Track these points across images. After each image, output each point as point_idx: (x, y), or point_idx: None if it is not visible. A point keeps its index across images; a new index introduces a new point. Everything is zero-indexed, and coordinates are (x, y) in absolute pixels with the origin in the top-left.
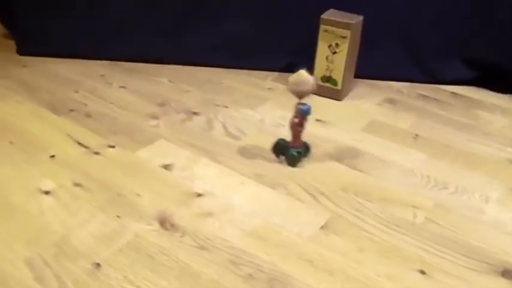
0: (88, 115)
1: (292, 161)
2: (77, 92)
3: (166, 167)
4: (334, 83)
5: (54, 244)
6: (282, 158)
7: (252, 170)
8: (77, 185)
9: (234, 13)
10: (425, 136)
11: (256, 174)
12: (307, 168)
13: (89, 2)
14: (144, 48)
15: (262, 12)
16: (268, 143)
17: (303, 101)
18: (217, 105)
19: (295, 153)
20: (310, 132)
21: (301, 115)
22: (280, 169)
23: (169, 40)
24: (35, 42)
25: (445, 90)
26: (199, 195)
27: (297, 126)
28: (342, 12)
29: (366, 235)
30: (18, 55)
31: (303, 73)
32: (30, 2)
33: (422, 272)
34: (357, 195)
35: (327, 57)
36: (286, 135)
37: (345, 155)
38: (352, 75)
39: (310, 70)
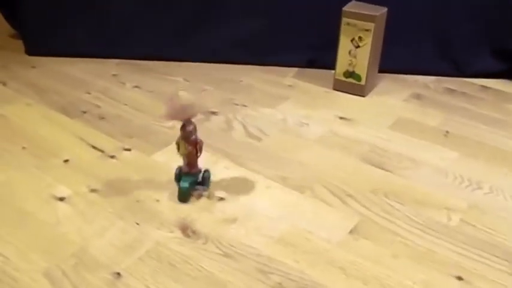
0: (101, 117)
1: (182, 196)
2: (88, 93)
3: None
4: (358, 78)
5: (73, 254)
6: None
7: (276, 172)
8: (93, 190)
9: (252, 8)
10: (456, 133)
11: (280, 177)
12: (333, 170)
13: (99, 0)
14: (158, 46)
15: (280, 6)
16: (291, 143)
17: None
18: (236, 105)
19: (185, 186)
20: (333, 130)
21: (194, 134)
22: (306, 171)
23: (185, 37)
24: (44, 42)
25: (473, 84)
26: (221, 199)
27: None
28: (364, 4)
29: (399, 240)
30: (26, 55)
31: (178, 99)
32: (38, 1)
33: (460, 278)
34: (387, 197)
35: (349, 52)
36: (310, 135)
37: (372, 155)
38: (377, 70)
39: (332, 65)
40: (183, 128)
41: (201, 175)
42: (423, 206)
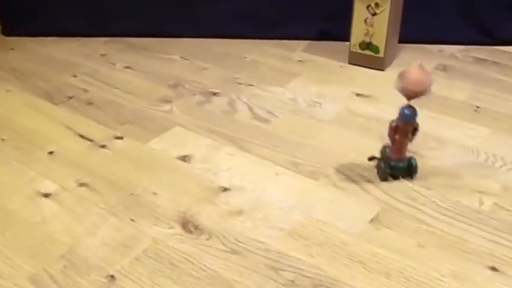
0: (89, 103)
1: (382, 177)
2: (75, 76)
3: (185, 158)
4: (376, 50)
5: (61, 256)
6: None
7: (287, 157)
8: (82, 184)
9: None
10: (487, 107)
11: (292, 163)
12: (350, 153)
13: None
14: (151, 20)
15: None
16: (303, 125)
17: (412, 102)
18: (240, 84)
19: (386, 170)
20: (350, 109)
21: (403, 121)
22: (320, 155)
23: (181, 10)
24: (23, 20)
25: (506, 52)
26: (225, 190)
27: (394, 133)
28: None
29: (425, 228)
30: (3, 36)
31: (419, 70)
32: None
33: (494, 269)
34: (411, 182)
35: (365, 20)
36: (324, 115)
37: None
38: (397, 40)
39: (346, 36)
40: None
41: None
42: (451, 190)
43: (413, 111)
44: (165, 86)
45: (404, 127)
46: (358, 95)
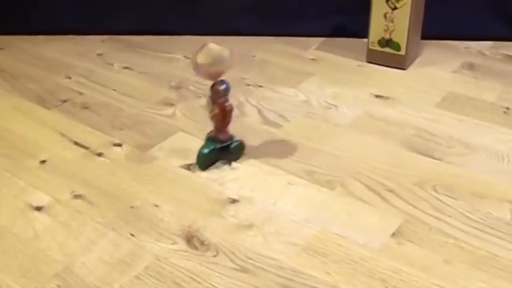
0: (85, 106)
1: (200, 161)
2: (69, 77)
3: (189, 167)
4: (396, 47)
5: (55, 276)
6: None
7: (300, 165)
8: (77, 196)
9: None
10: None
11: (306, 171)
12: (369, 160)
13: None
14: (151, 17)
15: None
16: (317, 130)
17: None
18: (249, 85)
19: (204, 151)
20: (368, 112)
21: (223, 96)
22: (336, 163)
23: (184, 5)
24: (12, 17)
25: None
26: (233, 201)
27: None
28: None
29: (452, 242)
30: None
31: (214, 48)
32: None
33: None
34: (436, 191)
35: (385, 15)
36: (340, 119)
37: (417, 140)
38: (419, 36)
39: (364, 33)
40: (212, 87)
41: (231, 144)
42: (481, 200)
43: (226, 82)
44: (166, 88)
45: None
46: (377, 96)
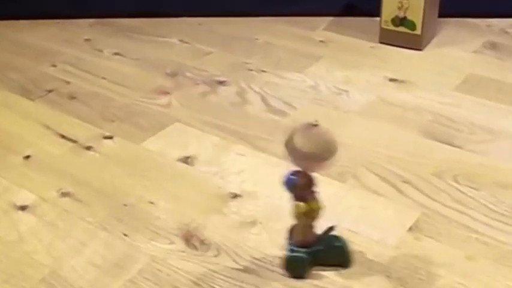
0: (72, 97)
1: (289, 267)
2: (54, 65)
3: (187, 160)
4: (411, 26)
5: (42, 281)
6: None
7: None
8: (65, 194)
9: None
10: None
11: None
12: (383, 149)
13: None
14: None
15: None
16: (327, 117)
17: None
18: (251, 70)
19: (292, 255)
20: (382, 97)
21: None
22: (347, 153)
23: None
24: None
25: None
26: (235, 196)
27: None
28: None
29: (475, 237)
30: None
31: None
32: None
33: None
34: (456, 182)
35: None
36: (351, 105)
37: (436, 126)
38: (436, 14)
39: (377, 11)
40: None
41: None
42: (506, 191)
43: (295, 181)
44: (161, 75)
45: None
46: (391, 80)
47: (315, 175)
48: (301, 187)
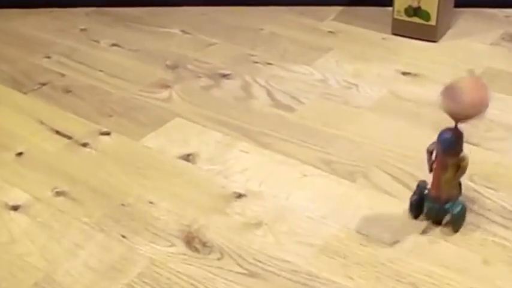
0: (67, 90)
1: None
2: (48, 57)
3: (188, 158)
4: (426, 16)
5: (35, 285)
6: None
7: (317, 154)
8: (60, 193)
9: None
10: None
11: (323, 161)
12: (395, 147)
13: None
14: None
15: None
16: (336, 113)
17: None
18: (256, 63)
19: (417, 208)
20: (394, 91)
21: (442, 149)
22: (357, 150)
23: None
24: None
25: None
26: (239, 196)
27: (432, 161)
28: None
29: (492, 239)
30: None
31: (474, 86)
32: None
33: None
34: (473, 181)
35: None
36: (362, 100)
37: (450, 123)
38: (452, 4)
39: (389, 0)
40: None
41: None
42: None
43: (456, 138)
44: (161, 68)
45: (443, 157)
46: (404, 73)
47: None
48: (461, 140)
